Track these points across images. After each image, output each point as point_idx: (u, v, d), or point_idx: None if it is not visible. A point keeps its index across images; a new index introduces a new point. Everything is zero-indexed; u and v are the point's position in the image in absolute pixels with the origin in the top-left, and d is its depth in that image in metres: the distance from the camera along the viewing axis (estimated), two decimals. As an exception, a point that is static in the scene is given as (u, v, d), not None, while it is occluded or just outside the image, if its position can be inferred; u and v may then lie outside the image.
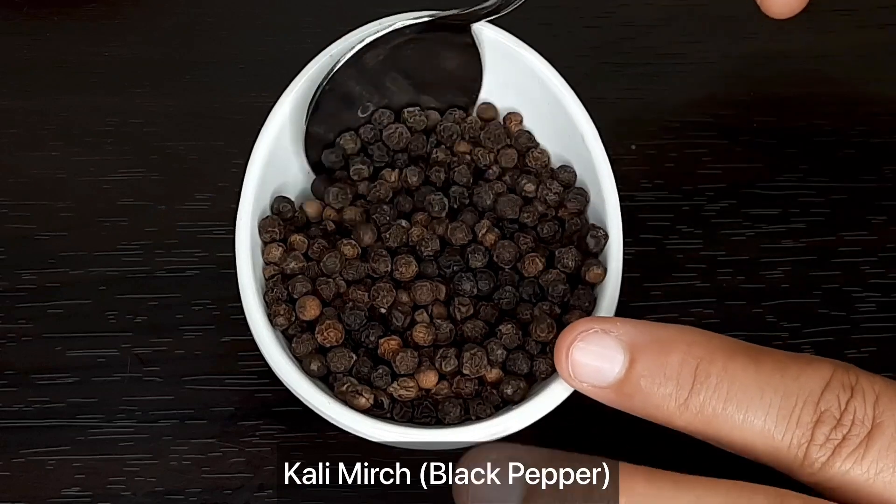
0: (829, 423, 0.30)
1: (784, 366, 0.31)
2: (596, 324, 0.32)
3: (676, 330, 0.32)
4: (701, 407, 0.31)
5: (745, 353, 0.31)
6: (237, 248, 0.35)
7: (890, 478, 0.30)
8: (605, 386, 0.32)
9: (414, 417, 0.35)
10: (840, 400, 0.30)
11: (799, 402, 0.30)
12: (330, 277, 0.36)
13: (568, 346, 0.32)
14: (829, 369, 0.31)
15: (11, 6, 0.46)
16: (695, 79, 0.45)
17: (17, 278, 0.41)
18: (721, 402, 0.31)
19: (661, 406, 0.31)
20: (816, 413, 0.30)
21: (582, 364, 0.32)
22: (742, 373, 0.31)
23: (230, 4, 0.46)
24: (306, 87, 0.37)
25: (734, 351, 0.31)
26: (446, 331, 0.35)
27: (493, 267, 0.37)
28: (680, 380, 0.31)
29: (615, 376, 0.32)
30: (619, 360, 0.31)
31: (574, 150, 0.38)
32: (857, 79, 0.45)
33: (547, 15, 0.46)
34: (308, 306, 0.35)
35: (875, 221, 0.42)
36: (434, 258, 0.37)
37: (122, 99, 0.44)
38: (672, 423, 0.32)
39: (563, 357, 0.32)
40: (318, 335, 0.35)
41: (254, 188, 0.36)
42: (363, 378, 0.35)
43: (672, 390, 0.31)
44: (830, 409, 0.30)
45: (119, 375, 0.39)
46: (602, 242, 0.36)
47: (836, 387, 0.31)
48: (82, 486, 0.38)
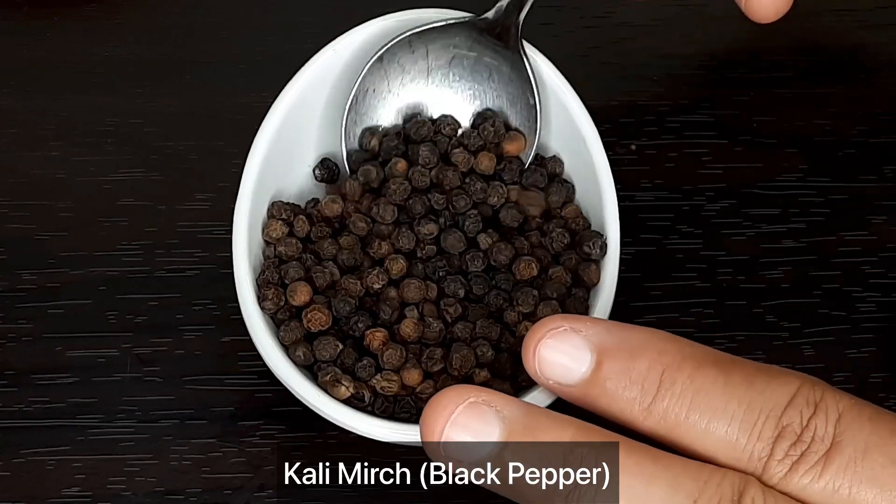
0: (790, 438, 0.30)
1: (752, 378, 0.31)
2: (566, 322, 0.32)
3: (648, 334, 0.32)
4: (664, 413, 0.31)
5: (714, 363, 0.31)
6: (235, 223, 0.36)
7: (847, 495, 0.30)
8: (570, 385, 0.32)
9: (394, 413, 0.35)
10: (802, 416, 0.30)
11: (762, 416, 0.30)
12: (325, 263, 0.36)
13: (536, 342, 0.31)
14: (796, 384, 0.31)
15: (11, 6, 0.46)
16: (695, 79, 0.45)
17: (17, 278, 0.41)
18: (685, 410, 0.30)
19: (625, 409, 0.31)
20: (778, 428, 0.30)
21: (549, 361, 0.32)
22: (709, 383, 0.31)
23: (230, 4, 0.46)
24: (310, 78, 0.37)
25: (703, 360, 0.31)
26: (435, 330, 0.35)
27: (489, 270, 0.37)
28: (645, 385, 0.31)
29: (581, 376, 0.31)
30: (585, 361, 0.31)
31: (574, 150, 0.38)
32: (857, 78, 0.45)
33: (547, 15, 0.46)
34: (299, 291, 0.35)
35: (875, 221, 0.42)
36: (427, 259, 0.37)
37: (122, 99, 0.44)
38: (636, 427, 0.31)
39: (531, 353, 0.32)
40: (304, 318, 0.35)
41: (262, 154, 0.36)
42: (346, 368, 0.35)
43: (637, 395, 0.31)
44: (792, 425, 0.30)
45: (119, 375, 0.39)
46: (601, 250, 0.37)
47: (801, 402, 0.30)
48: (82, 486, 0.38)
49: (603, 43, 0.46)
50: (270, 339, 0.35)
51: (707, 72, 0.45)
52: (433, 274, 0.37)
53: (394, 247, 0.37)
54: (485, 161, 0.38)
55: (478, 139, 0.38)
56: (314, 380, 0.35)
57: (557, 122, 0.38)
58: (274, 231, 0.37)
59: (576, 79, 0.38)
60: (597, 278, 0.36)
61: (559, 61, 0.38)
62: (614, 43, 0.46)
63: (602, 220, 0.37)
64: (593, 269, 0.36)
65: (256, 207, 0.37)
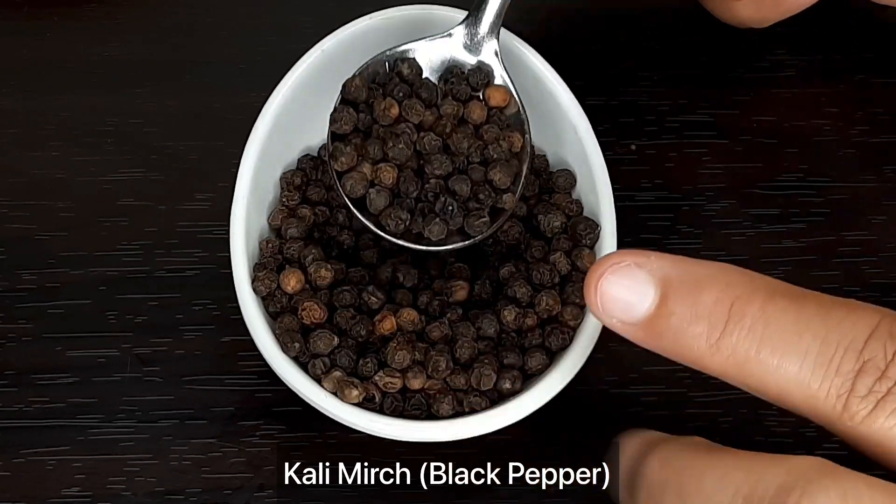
0: (873, 374, 0.28)
1: (828, 310, 0.29)
2: (628, 257, 0.30)
3: (716, 268, 0.30)
4: (733, 349, 0.29)
5: (786, 294, 0.29)
6: (232, 224, 0.36)
7: None
8: (634, 322, 0.30)
9: (405, 411, 0.35)
10: (887, 350, 0.28)
11: (840, 349, 0.28)
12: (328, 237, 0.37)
13: (598, 278, 0.30)
14: (877, 316, 0.29)
15: (11, 6, 0.46)
16: (695, 79, 0.45)
17: (17, 278, 0.41)
18: (755, 345, 0.29)
19: (691, 346, 0.30)
20: (859, 362, 0.28)
21: (611, 297, 0.30)
22: (780, 315, 0.29)
23: (230, 4, 0.46)
24: (303, 76, 0.38)
25: (775, 292, 0.29)
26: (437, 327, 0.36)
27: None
28: (712, 319, 0.29)
29: (645, 312, 0.30)
30: (649, 295, 0.30)
31: (566, 141, 0.38)
32: (857, 79, 0.45)
33: (547, 15, 0.46)
34: (290, 279, 0.36)
35: (875, 221, 0.42)
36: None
37: (122, 99, 0.44)
38: (703, 365, 0.30)
39: (593, 289, 0.30)
40: (299, 312, 0.35)
41: (255, 155, 0.37)
42: (348, 370, 0.35)
43: (703, 329, 0.29)
44: (875, 359, 0.28)
45: (119, 375, 0.39)
46: (594, 235, 0.37)
47: (883, 335, 0.28)
48: (82, 486, 0.38)
49: (602, 42, 0.46)
50: (273, 344, 0.35)
51: (707, 72, 0.45)
52: (427, 306, 0.37)
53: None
54: (476, 111, 0.37)
55: (466, 87, 0.37)
56: (305, 373, 0.35)
57: (549, 115, 0.38)
58: (286, 199, 0.38)
59: (576, 79, 0.38)
60: (591, 262, 0.36)
61: (559, 61, 0.38)
62: (613, 42, 0.46)
63: (597, 210, 0.37)
64: (587, 254, 0.36)
65: (253, 208, 0.37)
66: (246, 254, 0.36)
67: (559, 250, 0.37)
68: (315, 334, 0.35)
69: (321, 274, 0.36)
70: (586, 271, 0.36)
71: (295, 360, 0.35)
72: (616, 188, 0.37)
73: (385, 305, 0.36)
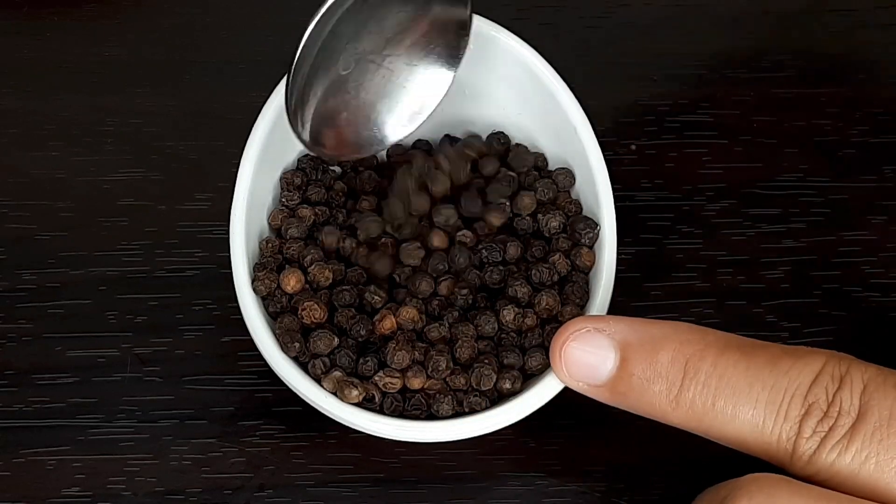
0: (816, 415, 0.30)
1: (776, 359, 0.31)
2: (588, 322, 0.32)
3: (670, 327, 0.32)
4: (691, 402, 0.31)
5: (737, 347, 0.31)
6: (232, 224, 0.36)
7: (875, 465, 0.30)
8: (599, 384, 0.32)
9: (405, 411, 0.35)
10: (828, 391, 0.30)
11: (787, 396, 0.30)
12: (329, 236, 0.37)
13: (561, 345, 0.32)
14: (821, 360, 0.31)
15: (11, 6, 0.46)
16: (695, 79, 0.45)
17: (17, 278, 0.41)
18: (710, 397, 0.31)
19: (653, 403, 0.32)
20: (804, 406, 0.30)
21: (575, 363, 0.32)
22: (732, 368, 0.31)
23: (230, 4, 0.46)
24: None
25: (726, 346, 0.31)
26: (437, 325, 0.36)
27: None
28: (669, 377, 0.31)
29: (608, 374, 0.32)
30: (610, 359, 0.32)
31: (566, 140, 0.38)
32: (857, 78, 0.45)
33: (548, 15, 0.46)
34: (290, 278, 0.36)
35: (875, 221, 0.42)
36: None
37: (122, 99, 0.44)
38: (667, 419, 0.32)
39: (558, 356, 0.32)
40: (299, 312, 0.35)
41: (255, 155, 0.37)
42: (348, 370, 0.35)
43: (663, 387, 0.31)
44: (818, 402, 0.30)
45: (119, 375, 0.39)
46: (594, 234, 0.37)
47: (826, 378, 0.30)
48: (82, 486, 0.38)
49: (603, 43, 0.46)
50: (273, 344, 0.35)
51: (707, 72, 0.45)
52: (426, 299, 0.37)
53: None
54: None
55: None
56: (305, 373, 0.35)
57: (547, 113, 0.38)
58: (288, 198, 0.38)
59: (576, 79, 0.38)
60: (590, 261, 0.36)
61: (559, 61, 0.38)
62: (614, 43, 0.46)
63: (596, 209, 0.37)
64: (586, 252, 0.36)
65: (253, 208, 0.37)
66: (246, 254, 0.36)
67: (559, 250, 0.37)
68: (315, 334, 0.35)
69: (321, 274, 0.36)
70: (586, 271, 0.37)
71: (295, 360, 0.35)
72: (616, 188, 0.37)
73: (387, 304, 0.36)
